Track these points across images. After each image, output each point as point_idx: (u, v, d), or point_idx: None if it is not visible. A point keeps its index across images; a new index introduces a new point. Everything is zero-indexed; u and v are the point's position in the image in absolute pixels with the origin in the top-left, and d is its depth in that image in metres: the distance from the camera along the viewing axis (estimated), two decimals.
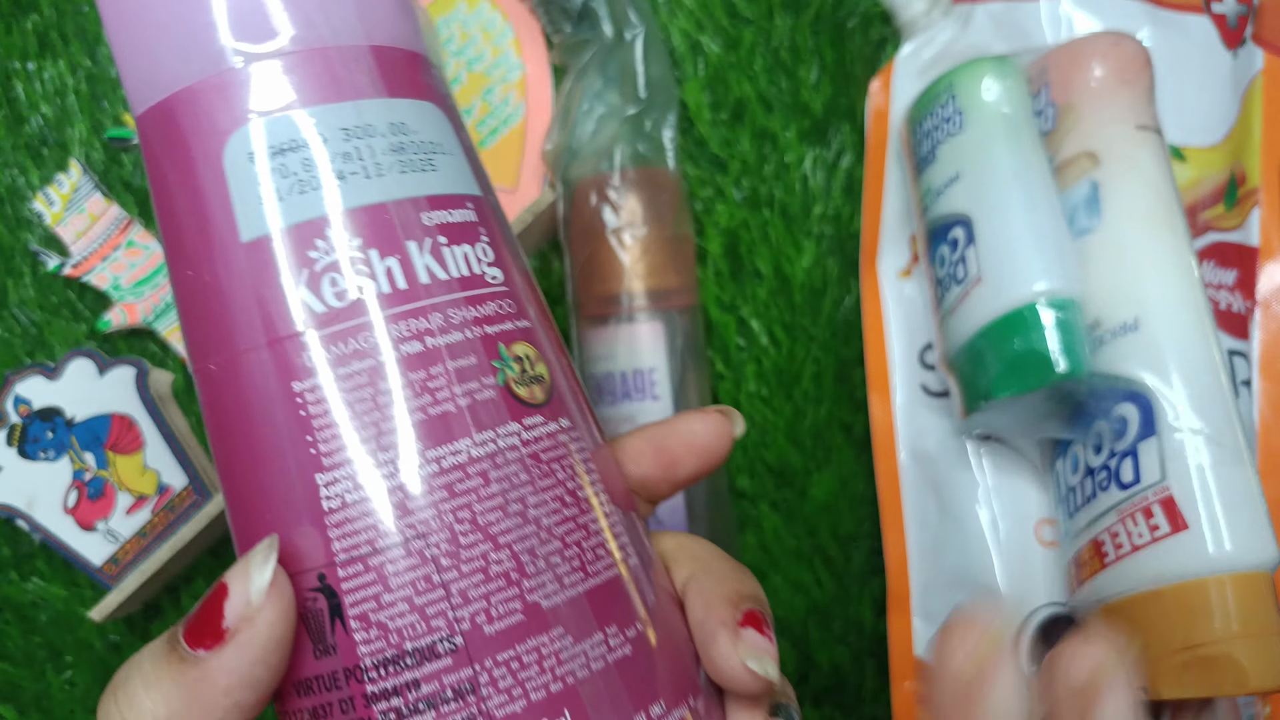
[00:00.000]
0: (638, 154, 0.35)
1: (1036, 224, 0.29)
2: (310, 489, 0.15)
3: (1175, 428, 0.27)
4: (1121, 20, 0.34)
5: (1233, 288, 0.33)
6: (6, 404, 0.37)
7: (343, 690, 0.15)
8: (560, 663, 0.15)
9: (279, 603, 0.14)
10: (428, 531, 0.15)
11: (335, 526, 0.15)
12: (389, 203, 0.15)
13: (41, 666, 0.39)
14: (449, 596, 0.15)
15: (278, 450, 0.15)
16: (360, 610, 0.15)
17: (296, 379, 0.15)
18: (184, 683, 0.14)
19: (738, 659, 0.16)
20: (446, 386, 0.15)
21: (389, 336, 0.15)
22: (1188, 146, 0.34)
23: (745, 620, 0.17)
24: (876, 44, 0.38)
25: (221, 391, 0.15)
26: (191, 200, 0.15)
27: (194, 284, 0.15)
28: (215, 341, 0.15)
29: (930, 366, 0.34)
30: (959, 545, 0.33)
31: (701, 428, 0.19)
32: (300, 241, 0.15)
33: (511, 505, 0.15)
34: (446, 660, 0.14)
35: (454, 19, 0.38)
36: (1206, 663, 0.25)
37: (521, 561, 0.15)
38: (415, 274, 0.15)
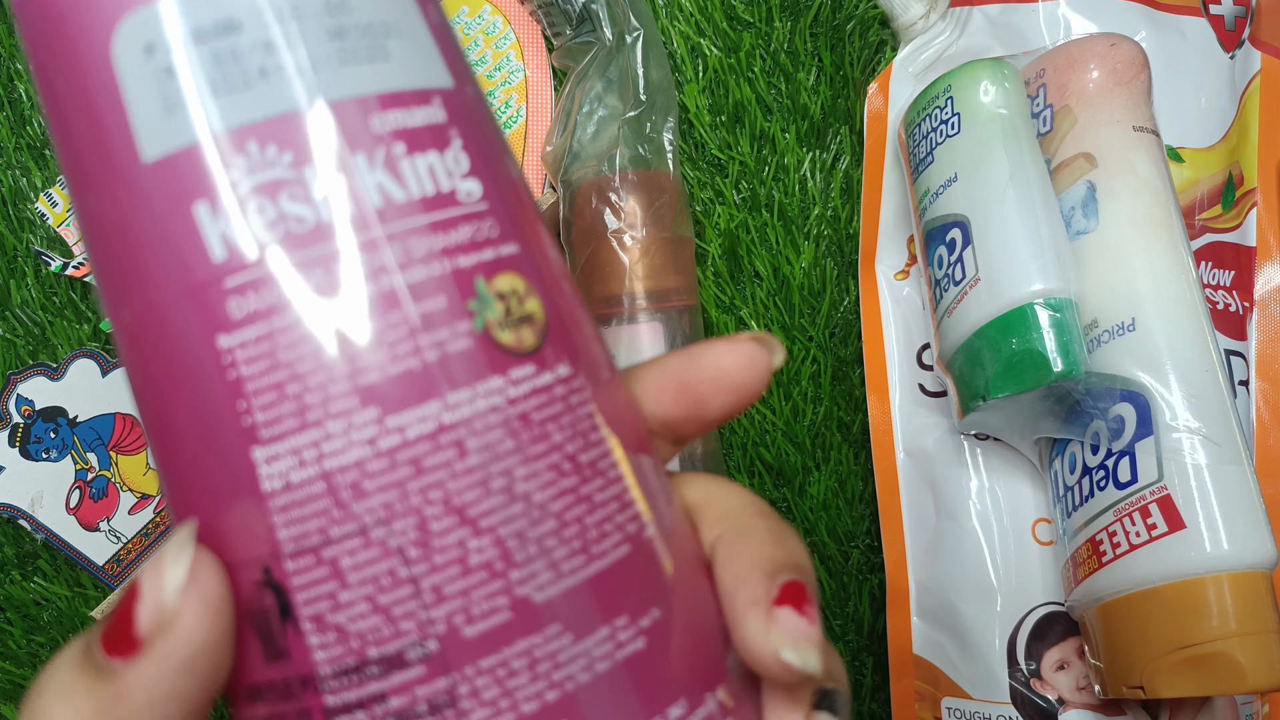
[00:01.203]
0: (638, 156, 0.35)
1: (1033, 225, 0.29)
2: (246, 467, 0.12)
3: (1172, 427, 0.27)
4: (1119, 22, 0.34)
5: (1230, 288, 0.33)
6: (9, 404, 0.37)
7: (297, 700, 0.12)
8: (557, 666, 0.12)
9: (201, 603, 0.12)
10: (391, 516, 0.12)
11: (279, 511, 0.12)
12: (328, 104, 0.12)
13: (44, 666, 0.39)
14: (419, 594, 0.12)
15: (206, 420, 0.12)
16: (314, 610, 0.12)
17: (222, 332, 0.12)
18: (99, 697, 0.12)
19: (770, 646, 0.13)
20: (409, 337, 0.12)
21: (333, 276, 0.12)
22: (1185, 148, 0.34)
23: (782, 597, 0.14)
24: (874, 47, 0.38)
25: (138, 347, 0.13)
26: (80, 109, 0.12)
27: (95, 214, 0.13)
28: (125, 286, 0.12)
29: (928, 366, 0.34)
30: (956, 543, 0.33)
31: (732, 359, 0.16)
32: (216, 160, 0.12)
33: (495, 480, 0.13)
34: (419, 669, 0.12)
35: (455, 22, 0.38)
36: (1204, 661, 0.25)
37: (508, 548, 0.12)
38: (364, 195, 0.12)
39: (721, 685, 0.14)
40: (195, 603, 0.12)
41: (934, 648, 0.33)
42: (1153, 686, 0.26)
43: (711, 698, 0.14)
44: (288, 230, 0.12)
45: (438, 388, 0.12)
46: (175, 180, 0.12)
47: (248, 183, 0.12)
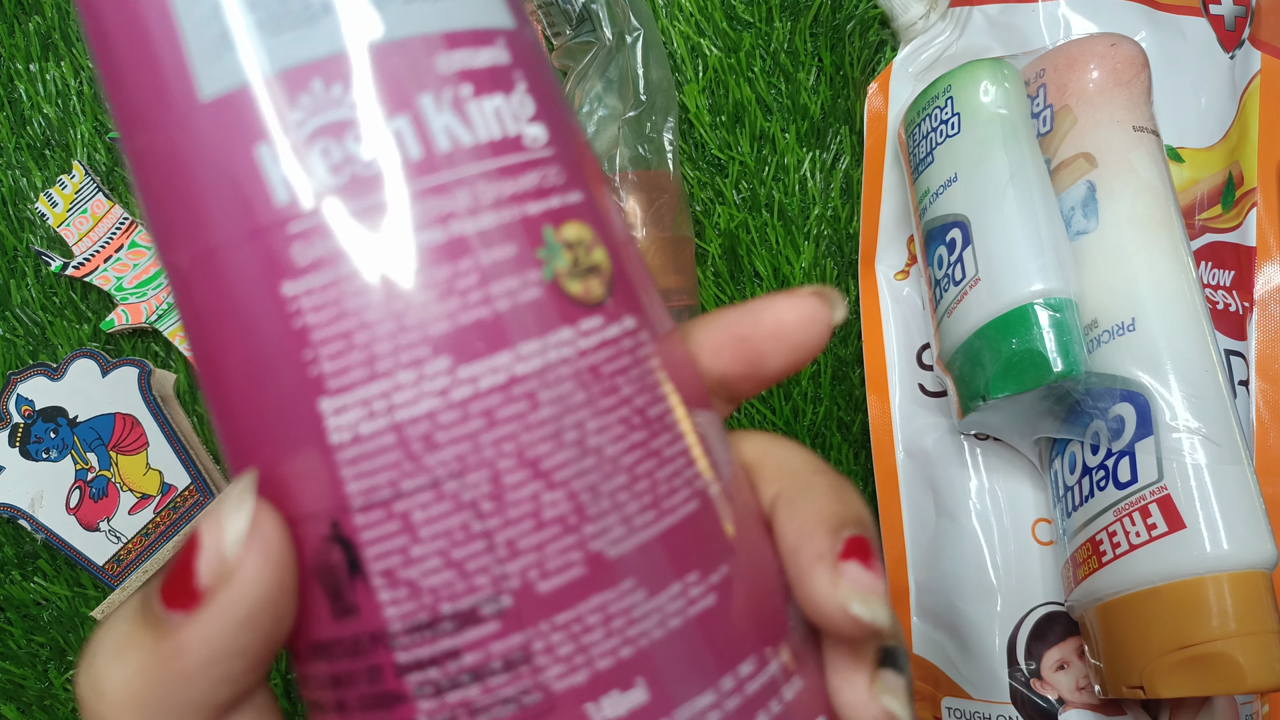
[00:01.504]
0: (638, 156, 0.35)
1: (1033, 225, 0.29)
2: (313, 419, 0.12)
3: (1172, 427, 0.27)
4: (1119, 22, 0.34)
5: (1230, 288, 0.33)
6: (10, 404, 0.37)
7: (367, 658, 0.12)
8: (631, 623, 0.12)
9: (263, 555, 0.12)
10: (464, 469, 0.12)
11: (348, 465, 0.12)
12: (392, 42, 0.12)
13: (44, 666, 0.39)
14: (493, 548, 0.12)
15: (269, 370, 0.12)
16: (384, 565, 0.12)
17: (287, 280, 0.12)
18: (159, 652, 0.12)
19: (838, 600, 0.13)
20: (479, 286, 0.12)
21: (401, 222, 0.12)
22: (1185, 148, 0.34)
23: (847, 551, 0.13)
24: (874, 47, 0.38)
25: (196, 295, 0.12)
26: (133, 45, 0.12)
27: (150, 156, 0.12)
28: (182, 232, 0.12)
29: (928, 366, 0.34)
30: (956, 544, 0.33)
31: (793, 314, 0.15)
32: (279, 99, 0.11)
33: (567, 433, 0.12)
34: (493, 625, 0.12)
35: None
36: (1204, 661, 0.25)
37: (581, 502, 0.12)
38: (432, 138, 0.12)
39: (785, 643, 0.14)
40: (257, 554, 0.12)
41: (934, 648, 0.33)
42: (1152, 686, 0.26)
43: (776, 656, 0.13)
44: (354, 174, 0.12)
45: (509, 338, 0.12)
46: (235, 119, 0.12)
47: (312, 123, 0.12)
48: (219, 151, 0.12)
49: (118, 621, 0.13)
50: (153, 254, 0.38)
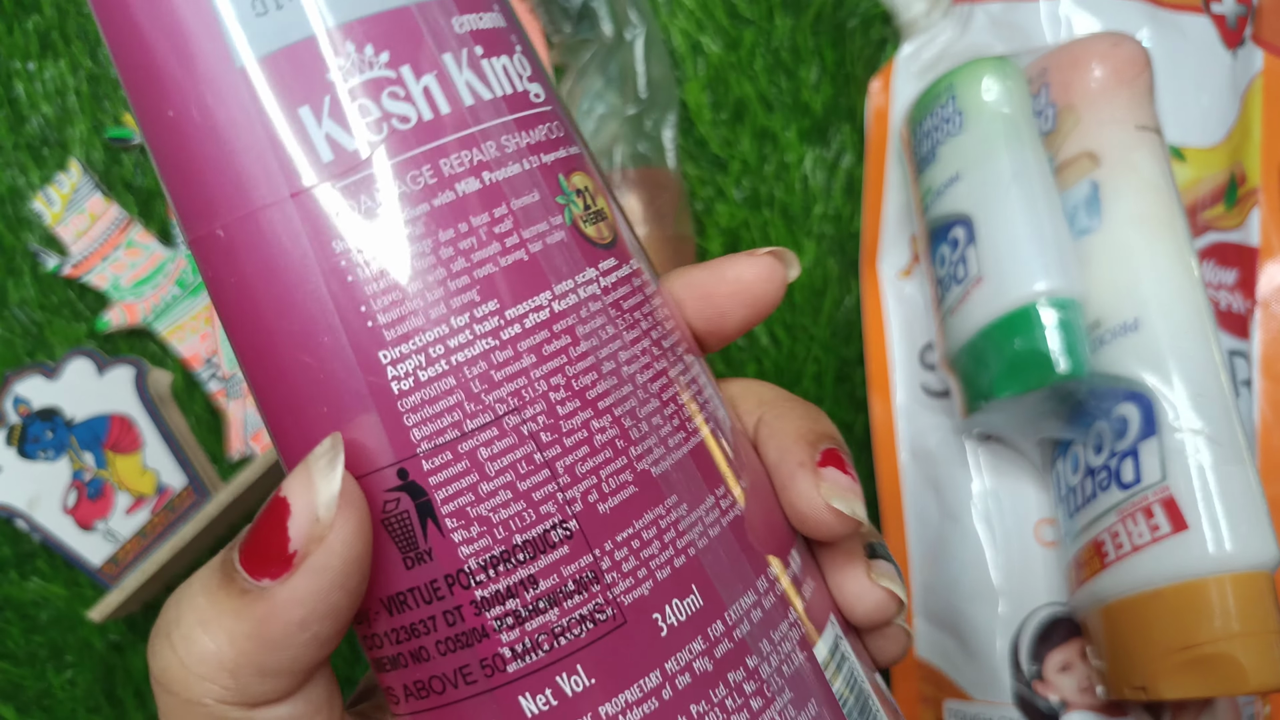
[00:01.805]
0: (638, 154, 0.35)
1: (1037, 224, 0.29)
2: (375, 370, 0.12)
3: (1175, 428, 0.27)
4: (1121, 21, 0.34)
5: (1233, 288, 0.33)
6: (6, 404, 0.37)
7: (446, 600, 0.13)
8: (680, 534, 0.13)
9: (353, 515, 0.12)
10: (521, 404, 0.12)
11: (411, 411, 0.12)
12: (412, 6, 0.12)
13: (42, 666, 0.39)
14: (556, 476, 0.13)
15: (324, 327, 0.12)
16: (456, 505, 0.12)
17: (336, 237, 0.12)
18: (250, 619, 0.12)
19: (821, 500, 0.15)
20: (515, 230, 0.13)
21: (441, 173, 0.12)
22: (1187, 147, 0.34)
23: (825, 459, 0.15)
24: (877, 44, 0.38)
25: (238, 262, 0.12)
26: (161, 17, 0.12)
27: (179, 128, 0.12)
28: (220, 200, 0.12)
29: (931, 366, 0.34)
30: (959, 545, 0.33)
31: (751, 272, 0.16)
32: (313, 62, 0.12)
33: (605, 364, 0.13)
34: (563, 549, 0.13)
35: None
36: (1206, 662, 0.25)
37: (625, 427, 0.13)
38: (458, 93, 0.13)
39: (795, 549, 0.15)
40: (347, 514, 0.12)
41: (936, 650, 0.33)
42: (1155, 688, 0.26)
43: (793, 560, 0.15)
44: (392, 129, 0.12)
45: (546, 279, 0.13)
46: (275, 83, 0.12)
47: (349, 82, 0.12)
48: (258, 115, 0.12)
49: (194, 595, 0.13)
50: (148, 253, 0.38)
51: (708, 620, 0.13)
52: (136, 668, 0.38)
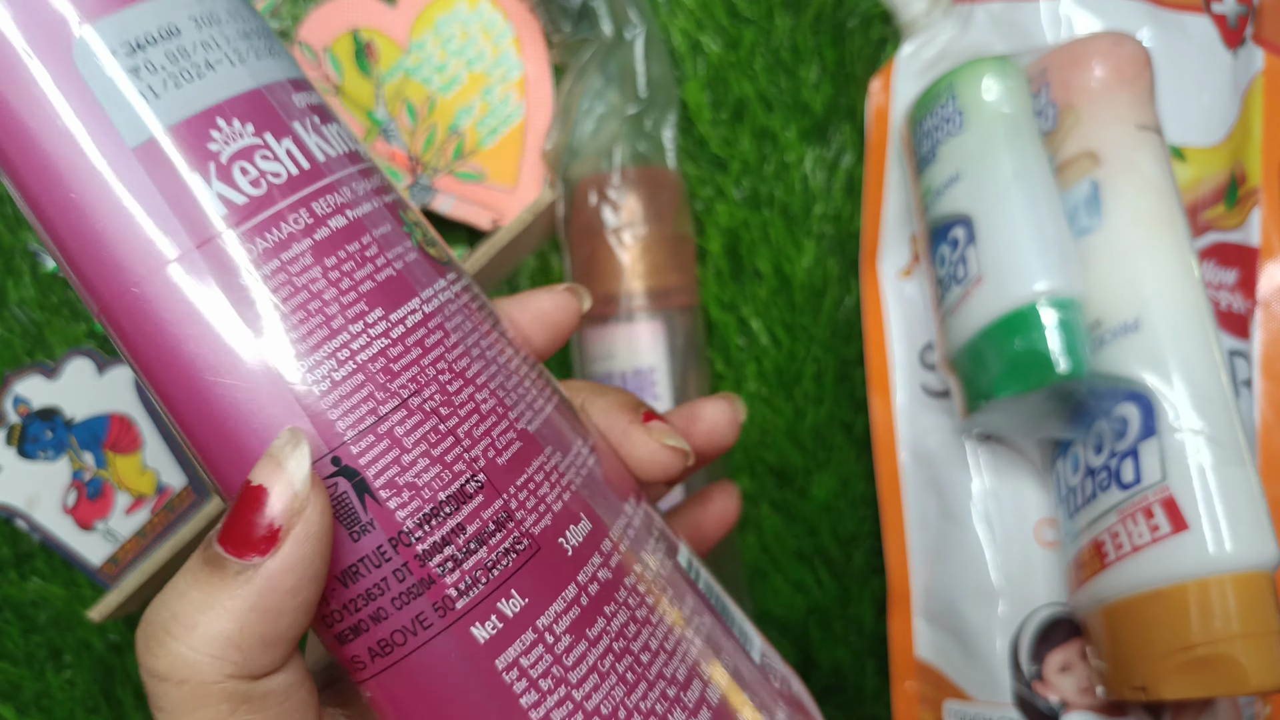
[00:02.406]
0: (638, 153, 0.35)
1: (1037, 224, 0.29)
2: (295, 377, 0.14)
3: (1176, 428, 0.27)
4: (1122, 20, 0.34)
5: (1233, 288, 0.33)
6: (6, 403, 0.37)
7: (393, 560, 0.15)
8: (561, 475, 0.16)
9: (320, 488, 0.14)
10: (419, 387, 0.15)
11: (333, 407, 0.14)
12: (262, 88, 0.15)
13: (41, 666, 0.39)
14: (459, 441, 0.15)
15: (245, 350, 0.14)
16: (386, 478, 0.15)
17: (242, 274, 0.14)
18: (248, 594, 0.14)
19: (656, 444, 0.18)
20: (381, 254, 0.15)
21: (315, 214, 0.15)
22: (1188, 146, 0.34)
23: (646, 417, 0.19)
24: (877, 44, 0.38)
25: (156, 312, 0.14)
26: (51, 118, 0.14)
27: (84, 206, 0.14)
28: (132, 261, 0.14)
29: (931, 366, 0.34)
30: (959, 545, 0.33)
31: (550, 304, 0.19)
32: (195, 137, 0.14)
33: (473, 350, 0.16)
34: (479, 498, 0.15)
35: (454, 18, 0.38)
36: (1206, 663, 0.25)
37: (500, 396, 0.16)
38: (312, 152, 0.15)
39: (634, 492, 0.18)
40: (318, 487, 0.14)
41: (936, 650, 0.33)
42: (1156, 688, 0.26)
43: (642, 497, 0.18)
44: (269, 183, 0.15)
45: (413, 288, 0.16)
46: (166, 157, 0.14)
47: (227, 151, 0.14)
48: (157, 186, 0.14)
49: (184, 592, 0.14)
50: None
51: (598, 539, 0.16)
52: (135, 668, 0.38)
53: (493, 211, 0.37)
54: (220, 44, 0.15)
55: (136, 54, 0.14)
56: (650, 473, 0.19)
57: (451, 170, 0.37)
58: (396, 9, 0.38)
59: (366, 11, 0.38)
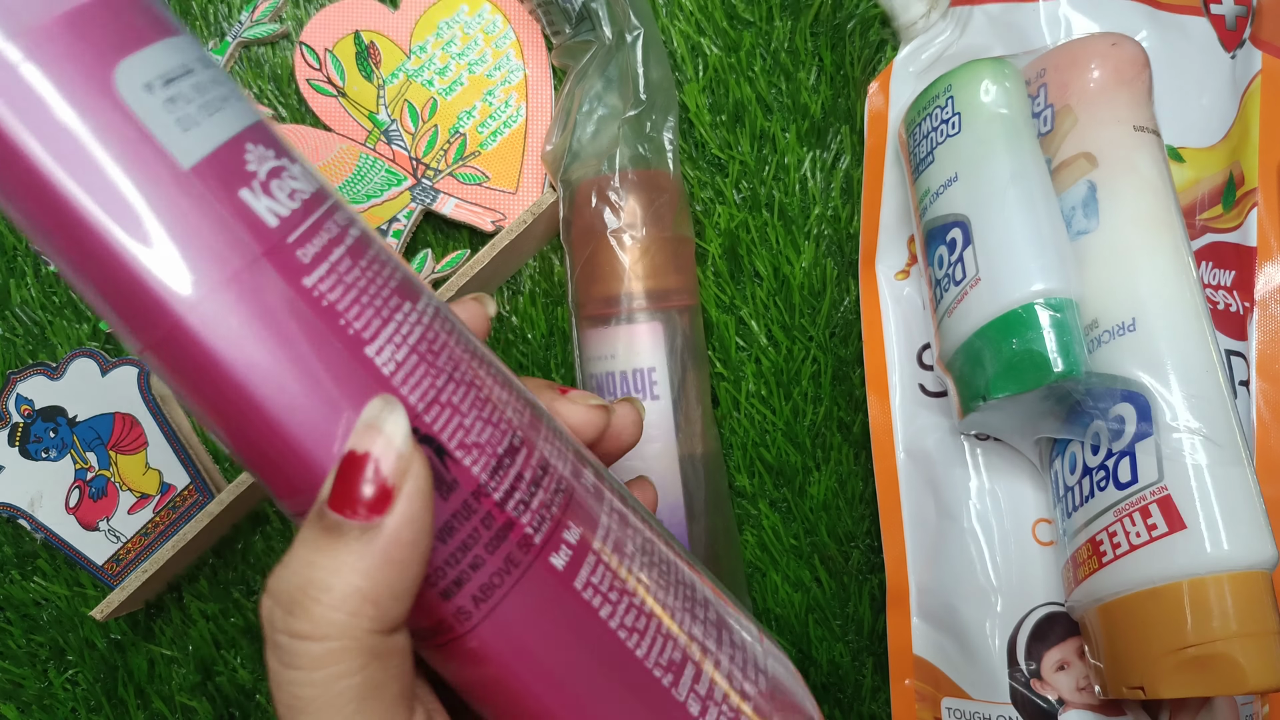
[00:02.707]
0: (638, 156, 0.35)
1: (1034, 225, 0.29)
2: (367, 365, 0.16)
3: (1173, 428, 0.27)
4: (1120, 22, 0.34)
5: (1230, 288, 0.33)
6: (9, 404, 0.37)
7: (479, 510, 0.16)
8: (558, 432, 0.19)
9: (418, 446, 0.15)
10: (455, 365, 0.17)
11: (402, 385, 0.16)
12: (260, 120, 0.17)
13: (44, 666, 0.39)
14: (496, 406, 0.17)
15: (320, 345, 0.15)
16: (457, 440, 0.16)
17: (305, 275, 0.16)
18: (375, 551, 0.15)
19: (581, 407, 0.21)
20: (389, 259, 0.17)
21: (339, 225, 0.16)
22: (1186, 147, 0.34)
23: (563, 390, 0.21)
24: (875, 46, 0.38)
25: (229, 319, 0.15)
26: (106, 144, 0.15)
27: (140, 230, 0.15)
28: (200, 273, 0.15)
29: (928, 366, 0.34)
30: (957, 544, 0.33)
31: (465, 315, 0.21)
32: (234, 160, 0.16)
33: (463, 336, 0.18)
34: (524, 450, 0.17)
35: (455, 21, 0.38)
36: (1204, 662, 0.25)
37: (500, 371, 0.18)
38: (311, 175, 0.17)
39: None
40: (416, 445, 0.15)
41: (934, 648, 0.33)
42: (1153, 687, 0.26)
43: None
44: (301, 198, 0.16)
45: (418, 286, 0.18)
46: (218, 178, 0.15)
47: (263, 170, 0.16)
48: (216, 203, 0.15)
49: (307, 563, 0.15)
50: None
51: (602, 478, 0.19)
52: (138, 666, 0.38)
53: (494, 213, 0.37)
54: (221, 82, 0.16)
55: (170, 86, 0.15)
56: (584, 433, 0.21)
57: (453, 172, 0.38)
58: (399, 12, 0.38)
59: (369, 14, 0.38)
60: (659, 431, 0.34)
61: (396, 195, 0.37)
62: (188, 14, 0.39)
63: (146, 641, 0.39)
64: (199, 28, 0.39)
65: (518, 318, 0.39)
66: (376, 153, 0.38)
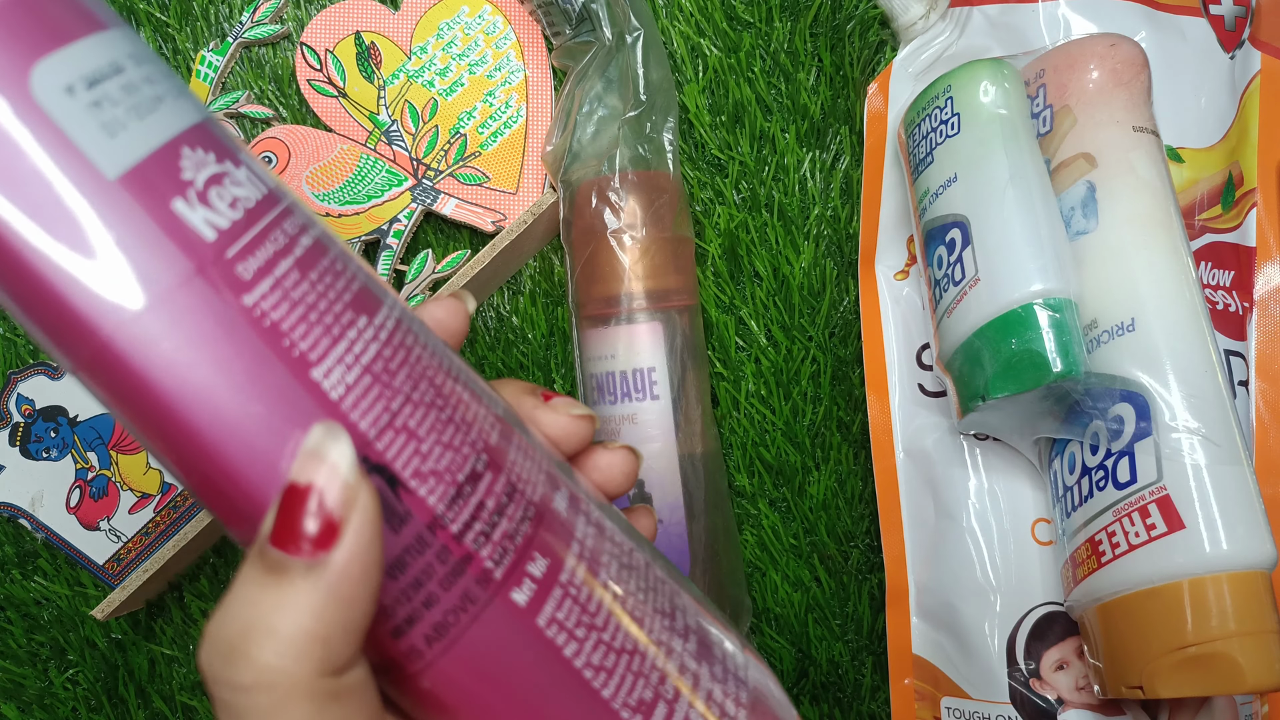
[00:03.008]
0: (638, 156, 0.35)
1: (1033, 225, 0.29)
2: (312, 388, 0.15)
3: (1172, 428, 0.27)
4: (1119, 22, 0.34)
5: (1230, 288, 0.33)
6: (10, 403, 0.37)
7: (433, 544, 0.15)
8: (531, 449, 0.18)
9: (365, 475, 0.14)
10: (414, 384, 0.16)
11: (351, 410, 0.15)
12: (204, 121, 0.15)
13: (44, 665, 0.39)
14: (459, 428, 0.16)
15: (261, 368, 0.14)
16: (411, 469, 0.15)
17: (245, 293, 0.14)
18: (322, 589, 0.14)
19: (564, 416, 0.20)
20: (346, 268, 0.16)
21: (288, 234, 0.15)
22: (1185, 148, 0.34)
23: (546, 397, 0.20)
24: (874, 47, 0.38)
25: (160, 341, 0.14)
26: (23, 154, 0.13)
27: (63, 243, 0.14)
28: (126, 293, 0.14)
29: (927, 366, 0.34)
30: (956, 543, 0.33)
31: (443, 313, 0.20)
32: (167, 167, 0.14)
33: (435, 348, 0.17)
34: (488, 475, 0.16)
35: (456, 22, 0.38)
36: (1203, 661, 0.25)
37: (471, 387, 0.17)
38: (260, 179, 0.16)
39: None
40: (363, 474, 0.14)
41: (933, 647, 0.33)
42: (1152, 686, 0.26)
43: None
44: (245, 207, 0.15)
45: (378, 299, 0.16)
46: (148, 187, 0.14)
47: (200, 177, 0.15)
48: (147, 215, 0.14)
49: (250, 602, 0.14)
50: None
51: (577, 501, 0.18)
52: (138, 665, 0.39)
53: (495, 214, 0.37)
54: (158, 80, 0.15)
55: (95, 88, 0.14)
56: (566, 444, 0.20)
57: (454, 173, 0.38)
58: (399, 13, 0.38)
59: (370, 15, 0.38)
60: (659, 431, 0.34)
61: (397, 196, 0.37)
62: (188, 15, 0.39)
63: (147, 641, 0.39)
64: (199, 28, 0.39)
65: (518, 318, 0.39)
66: (377, 153, 0.38)
